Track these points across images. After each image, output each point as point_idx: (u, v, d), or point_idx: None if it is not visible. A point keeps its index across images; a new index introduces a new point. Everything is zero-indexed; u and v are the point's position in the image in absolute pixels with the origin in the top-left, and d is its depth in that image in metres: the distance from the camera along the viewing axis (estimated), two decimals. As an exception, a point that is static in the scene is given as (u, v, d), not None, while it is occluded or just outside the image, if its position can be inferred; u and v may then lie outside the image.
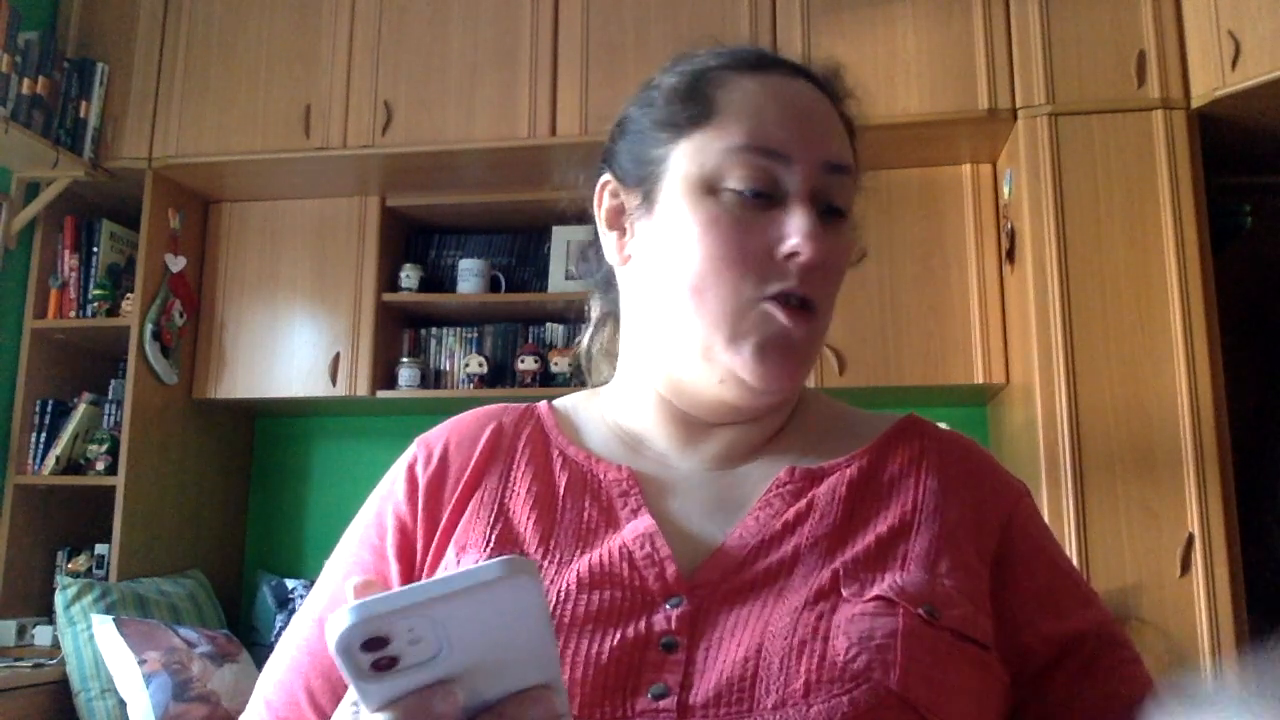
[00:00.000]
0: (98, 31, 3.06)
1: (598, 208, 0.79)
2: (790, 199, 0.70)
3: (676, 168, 0.73)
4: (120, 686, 2.47)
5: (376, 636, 0.41)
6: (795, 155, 0.71)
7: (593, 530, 0.71)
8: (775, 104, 0.73)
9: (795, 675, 0.59)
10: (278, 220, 3.12)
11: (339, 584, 0.76)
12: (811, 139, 0.72)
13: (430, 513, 0.75)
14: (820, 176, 0.71)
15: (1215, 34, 2.41)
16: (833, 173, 0.72)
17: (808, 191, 0.71)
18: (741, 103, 0.73)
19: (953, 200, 2.78)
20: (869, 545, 0.67)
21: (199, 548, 3.10)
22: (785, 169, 0.71)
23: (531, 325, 3.12)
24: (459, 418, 0.82)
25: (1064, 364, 2.41)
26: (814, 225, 0.69)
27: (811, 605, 0.63)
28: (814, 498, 0.71)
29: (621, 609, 0.65)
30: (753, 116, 0.72)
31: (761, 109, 0.72)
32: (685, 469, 0.76)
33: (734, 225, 0.70)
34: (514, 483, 0.75)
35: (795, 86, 0.74)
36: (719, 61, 0.76)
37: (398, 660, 0.42)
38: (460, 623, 0.42)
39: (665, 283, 0.73)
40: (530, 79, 2.81)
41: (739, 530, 0.70)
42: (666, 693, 0.60)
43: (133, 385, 2.87)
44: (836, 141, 0.74)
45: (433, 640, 0.42)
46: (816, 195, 0.71)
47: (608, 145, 0.81)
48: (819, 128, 0.73)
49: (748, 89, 0.73)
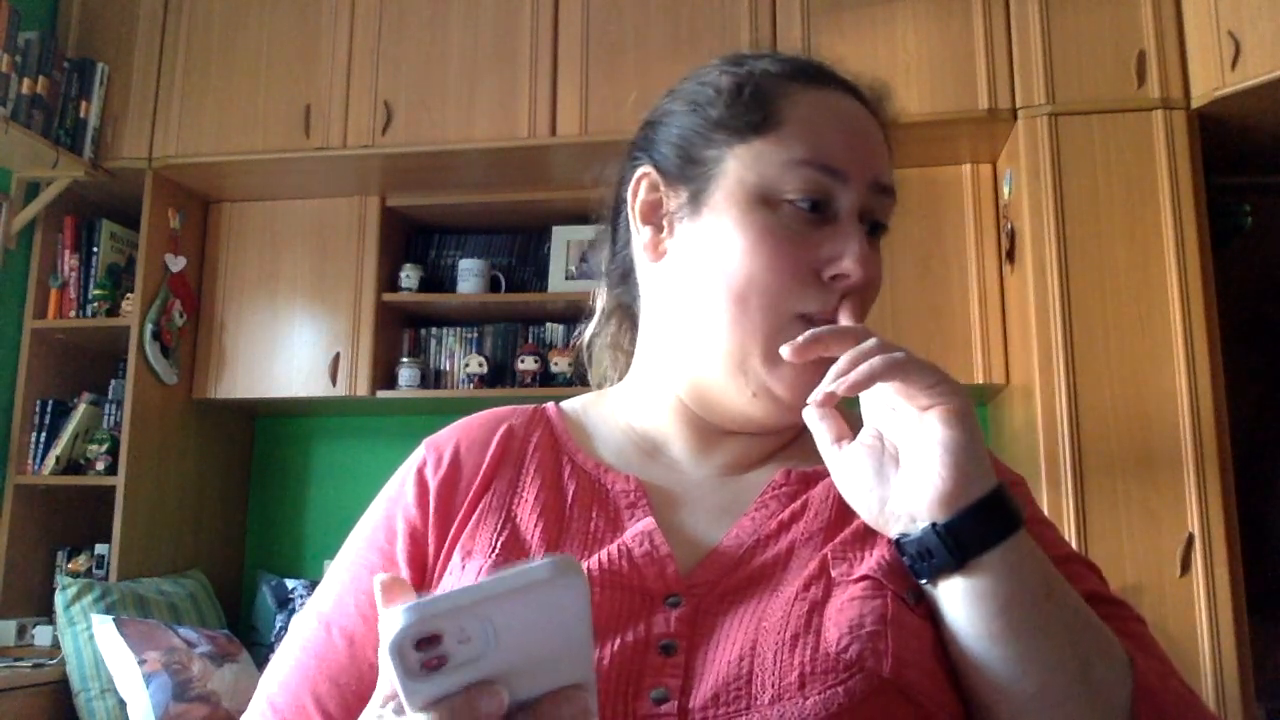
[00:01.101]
0: (98, 31, 3.06)
1: (632, 198, 0.78)
2: (842, 217, 0.72)
3: (733, 172, 0.72)
4: (120, 686, 2.47)
5: (430, 635, 0.41)
6: (851, 174, 0.72)
7: (598, 539, 0.71)
8: (836, 121, 0.73)
9: (790, 669, 0.60)
10: (278, 220, 3.12)
11: (347, 586, 0.74)
12: (866, 159, 0.73)
13: (442, 516, 0.74)
14: (871, 196, 0.73)
15: (1215, 34, 2.41)
16: (881, 193, 0.74)
17: (859, 211, 0.72)
18: (805, 117, 0.73)
19: (953, 200, 2.78)
20: (858, 528, 0.68)
21: (199, 548, 3.10)
22: (841, 187, 0.71)
23: (531, 325, 3.12)
24: (466, 420, 0.81)
25: (1064, 364, 2.41)
26: (865, 248, 0.71)
27: (803, 594, 0.63)
28: (808, 498, 0.71)
29: (621, 612, 0.65)
30: (816, 132, 0.72)
31: (824, 125, 0.73)
32: (697, 476, 0.76)
33: (788, 239, 0.70)
34: (523, 489, 0.74)
35: (852, 105, 0.76)
36: (779, 69, 0.76)
37: (447, 659, 0.42)
38: (509, 621, 0.42)
39: (705, 287, 0.72)
40: (530, 79, 2.81)
41: (735, 531, 0.70)
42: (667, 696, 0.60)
43: (133, 385, 2.87)
44: (885, 162, 0.75)
45: (480, 639, 0.42)
46: (865, 214, 0.73)
47: (644, 135, 0.80)
48: (872, 148, 0.74)
49: (811, 103, 0.74)
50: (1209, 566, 2.28)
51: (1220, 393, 2.35)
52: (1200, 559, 2.28)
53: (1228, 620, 2.25)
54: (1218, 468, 2.31)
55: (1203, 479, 2.31)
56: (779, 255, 0.70)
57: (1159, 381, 2.37)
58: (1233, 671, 2.23)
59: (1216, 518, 2.29)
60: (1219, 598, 2.26)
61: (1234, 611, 2.26)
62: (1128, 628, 0.68)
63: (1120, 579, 2.29)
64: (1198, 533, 2.29)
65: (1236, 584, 2.28)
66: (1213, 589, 2.27)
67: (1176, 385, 2.36)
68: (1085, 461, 2.37)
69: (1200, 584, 2.27)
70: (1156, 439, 2.35)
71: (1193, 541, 2.29)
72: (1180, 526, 2.31)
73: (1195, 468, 2.31)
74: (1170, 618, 2.27)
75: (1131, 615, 0.70)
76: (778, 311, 0.70)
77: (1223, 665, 2.24)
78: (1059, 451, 2.38)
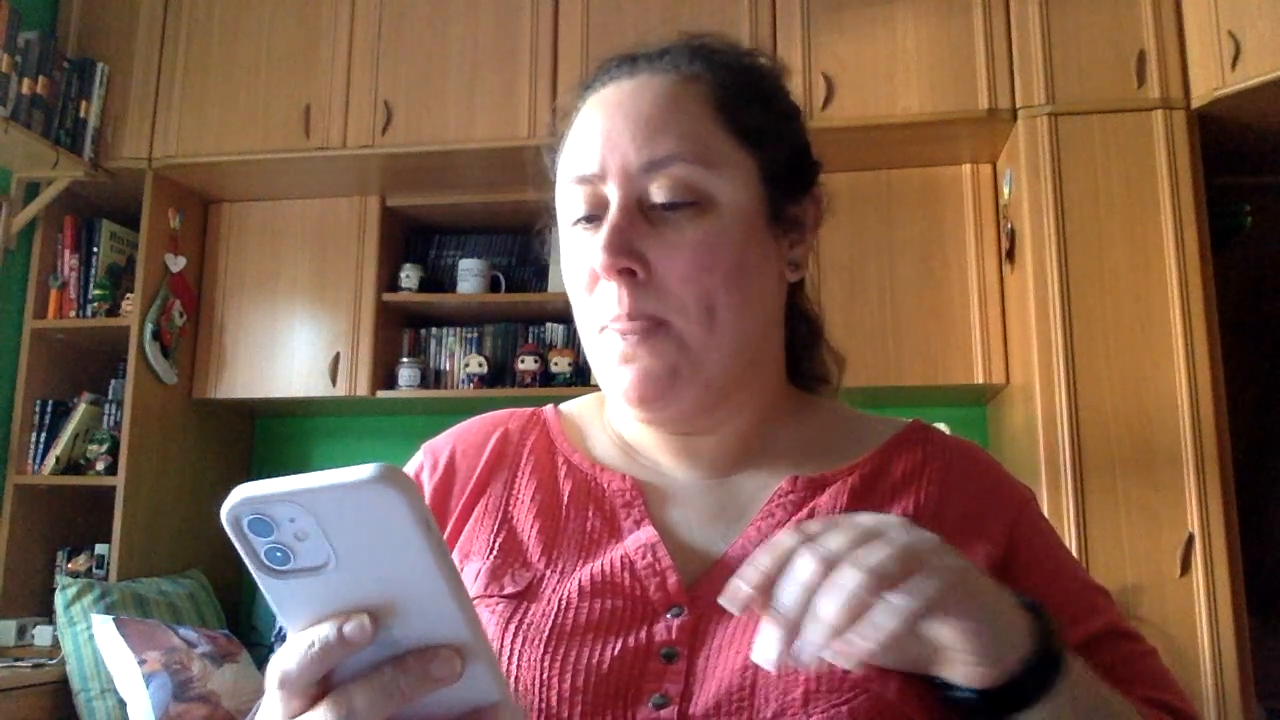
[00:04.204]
0: (98, 31, 3.06)
1: None
2: (608, 215, 0.69)
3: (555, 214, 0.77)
4: (120, 686, 2.47)
5: (259, 517, 0.43)
6: (607, 169, 0.70)
7: (595, 540, 0.71)
8: (592, 124, 0.72)
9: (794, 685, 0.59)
10: (278, 220, 3.12)
11: None
12: (619, 148, 0.70)
13: (438, 519, 0.74)
14: (637, 180, 0.69)
15: (1215, 34, 2.41)
16: (650, 170, 0.69)
17: (626, 201, 0.69)
18: (573, 134, 0.74)
19: (953, 200, 2.78)
20: None
21: (199, 548, 3.10)
22: (605, 185, 0.70)
23: (531, 325, 3.12)
24: (465, 424, 0.82)
25: (1064, 364, 2.41)
26: (611, 236, 0.67)
27: None
28: (815, 508, 0.71)
29: (623, 618, 0.65)
30: (575, 146, 0.73)
31: (582, 134, 0.73)
32: (683, 479, 0.75)
33: (570, 257, 0.73)
34: (518, 490, 0.75)
35: (621, 93, 0.72)
36: (581, 90, 0.77)
37: (289, 556, 0.43)
38: (338, 527, 0.43)
39: None
40: (530, 79, 2.81)
41: (740, 541, 0.69)
42: (667, 702, 0.61)
43: (133, 385, 2.87)
44: (653, 136, 0.69)
45: (317, 541, 0.43)
46: (644, 200, 0.69)
47: None
48: (632, 131, 0.70)
49: (582, 116, 0.74)
50: (1209, 566, 2.28)
51: (1220, 392, 2.35)
52: (1200, 559, 2.28)
53: (1228, 620, 2.25)
54: (1218, 468, 2.31)
55: (1203, 479, 2.31)
56: (570, 277, 0.73)
57: (1159, 381, 2.37)
58: (1233, 671, 2.23)
59: (1216, 518, 2.29)
60: (1219, 598, 2.26)
61: (1234, 611, 2.26)
62: (1147, 665, 0.69)
63: (1120, 579, 2.29)
64: (1198, 533, 2.29)
65: (1236, 584, 2.28)
66: (1213, 589, 2.27)
67: (1176, 385, 2.36)
68: (1085, 461, 2.37)
69: (1200, 584, 2.27)
70: (1156, 439, 2.35)
71: (1193, 541, 2.29)
72: (1180, 526, 2.31)
73: (1195, 468, 2.31)
74: (1170, 618, 2.27)
75: (1148, 649, 0.70)
76: (588, 328, 0.72)
77: (1223, 665, 2.24)
78: (1059, 451, 2.38)
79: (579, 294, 0.72)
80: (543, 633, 0.64)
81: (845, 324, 2.68)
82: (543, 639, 0.63)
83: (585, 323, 0.72)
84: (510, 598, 0.67)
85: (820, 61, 2.67)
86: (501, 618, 0.66)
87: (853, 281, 2.71)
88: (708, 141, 0.70)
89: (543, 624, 0.64)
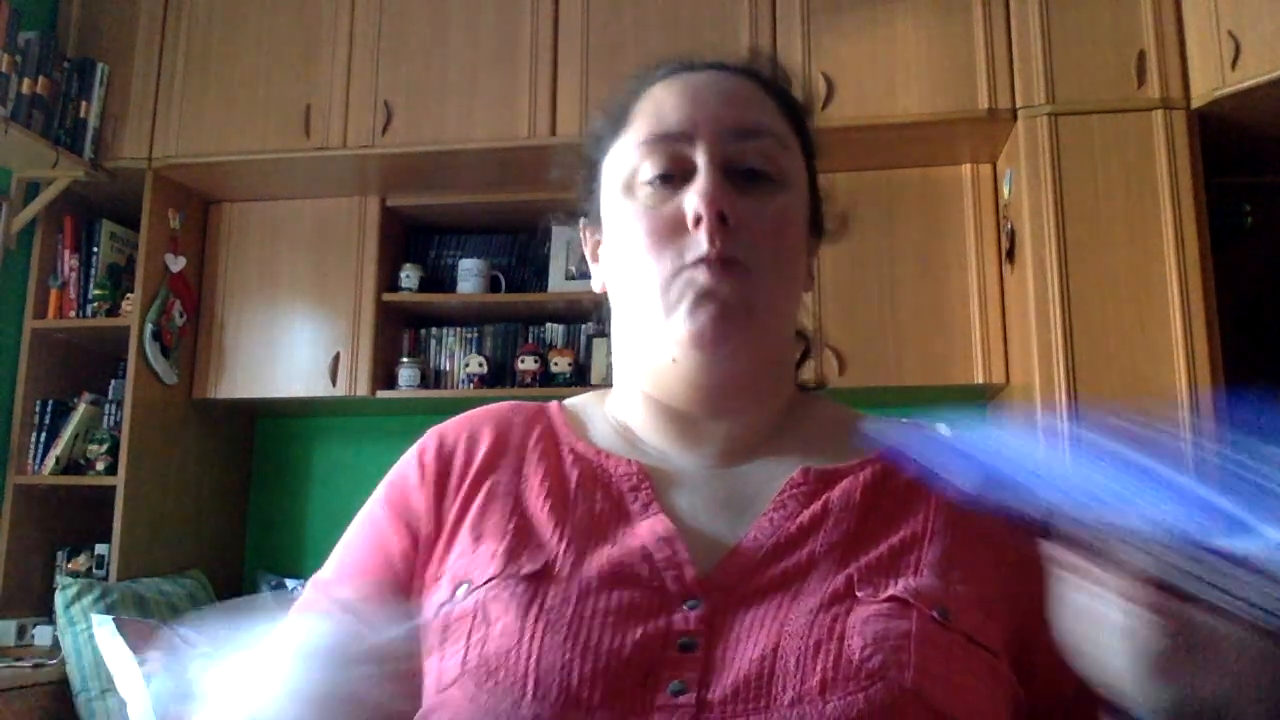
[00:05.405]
0: (98, 31, 3.06)
1: (587, 251, 0.85)
2: (698, 171, 0.73)
3: (604, 177, 0.79)
4: (120, 686, 2.46)
5: None
6: (697, 130, 0.74)
7: (604, 523, 0.72)
8: (679, 94, 0.76)
9: (811, 673, 0.60)
10: (278, 220, 3.12)
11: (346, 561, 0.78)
12: (713, 112, 0.74)
13: (441, 496, 0.76)
14: (728, 143, 0.74)
15: (1215, 34, 2.41)
16: (743, 138, 0.74)
17: (715, 160, 0.73)
18: (651, 103, 0.77)
19: (953, 200, 2.78)
20: (882, 553, 0.68)
21: (199, 548, 3.10)
22: (690, 147, 0.74)
23: (531, 325, 3.12)
24: (474, 411, 0.84)
25: (1064, 364, 2.41)
26: (712, 185, 0.71)
27: (826, 608, 0.64)
28: (828, 501, 0.71)
29: (641, 608, 0.66)
30: (657, 110, 0.76)
31: (665, 101, 0.76)
32: (688, 465, 0.77)
33: (647, 211, 0.74)
34: (527, 477, 0.77)
35: (702, 78, 0.78)
36: (639, 78, 0.81)
37: None
38: None
39: (621, 286, 0.77)
40: (530, 79, 2.81)
41: (754, 531, 0.70)
42: (685, 689, 0.61)
43: (133, 385, 2.87)
44: (745, 110, 0.76)
45: None
46: (730, 163, 0.73)
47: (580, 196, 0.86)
48: (723, 101, 0.75)
49: (659, 90, 0.78)
50: (1209, 566, 2.27)
51: (1220, 392, 2.35)
52: (1200, 559, 2.28)
53: (1228, 620, 2.25)
54: (1218, 468, 2.31)
55: (1203, 479, 2.30)
56: (644, 227, 0.73)
57: (1159, 381, 2.37)
58: (1233, 671, 2.23)
59: (1216, 518, 2.29)
60: (1219, 598, 2.26)
61: (1234, 611, 2.26)
62: None
63: (1120, 579, 2.28)
64: (1198, 533, 2.29)
65: (1236, 584, 2.27)
66: (1213, 589, 2.26)
67: (1176, 385, 2.36)
68: (1085, 461, 2.36)
69: (1200, 584, 2.27)
70: (1156, 439, 2.34)
71: (1193, 541, 2.29)
72: (1180, 526, 2.30)
73: (1195, 468, 2.31)
74: (1170, 618, 2.27)
75: None
76: (662, 272, 0.72)
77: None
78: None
79: (647, 250, 0.73)
80: (565, 616, 0.65)
81: (845, 324, 2.68)
82: (565, 622, 0.64)
83: (653, 274, 0.73)
84: (527, 578, 0.68)
85: (820, 61, 2.68)
86: (521, 601, 0.66)
87: (853, 281, 2.71)
88: (785, 132, 0.77)
89: (564, 609, 0.65)
